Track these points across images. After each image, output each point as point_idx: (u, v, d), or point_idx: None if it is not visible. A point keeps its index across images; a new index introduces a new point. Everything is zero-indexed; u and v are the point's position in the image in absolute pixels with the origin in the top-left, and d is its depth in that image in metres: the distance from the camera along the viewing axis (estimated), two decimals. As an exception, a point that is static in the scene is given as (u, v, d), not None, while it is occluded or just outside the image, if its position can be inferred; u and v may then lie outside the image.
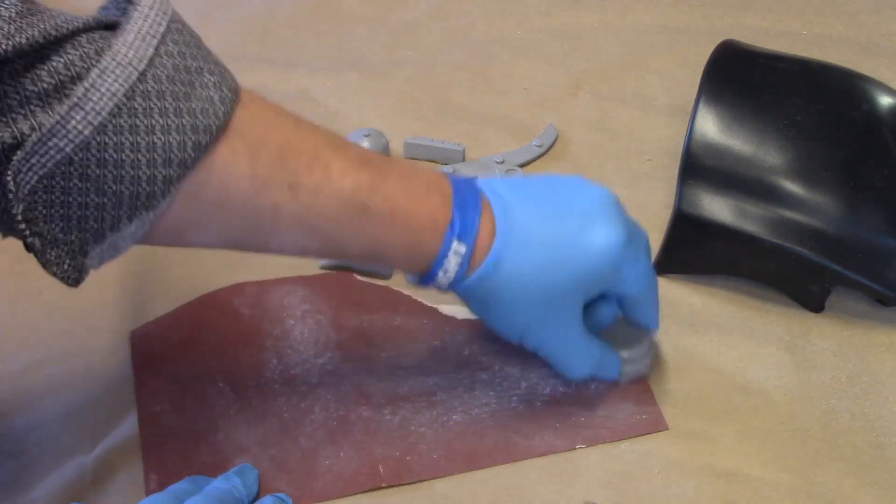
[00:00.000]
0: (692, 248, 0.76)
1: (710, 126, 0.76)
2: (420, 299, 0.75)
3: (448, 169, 0.85)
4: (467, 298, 0.63)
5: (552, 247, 0.61)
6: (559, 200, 0.63)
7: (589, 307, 0.66)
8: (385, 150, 0.86)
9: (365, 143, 0.85)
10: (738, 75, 0.79)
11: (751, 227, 0.73)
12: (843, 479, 0.65)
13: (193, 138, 0.53)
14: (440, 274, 0.61)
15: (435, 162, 0.87)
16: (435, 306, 0.75)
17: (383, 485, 0.64)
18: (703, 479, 0.65)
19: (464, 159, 0.87)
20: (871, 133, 0.76)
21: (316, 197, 0.57)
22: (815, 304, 0.74)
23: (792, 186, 0.74)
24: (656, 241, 0.78)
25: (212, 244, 0.60)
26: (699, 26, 1.00)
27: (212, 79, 0.54)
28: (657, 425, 0.68)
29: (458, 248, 0.60)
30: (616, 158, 0.87)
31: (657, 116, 0.91)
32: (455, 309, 0.74)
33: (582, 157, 0.87)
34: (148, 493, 0.63)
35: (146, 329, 0.73)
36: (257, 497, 0.64)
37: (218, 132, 0.54)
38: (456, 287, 0.62)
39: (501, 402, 0.69)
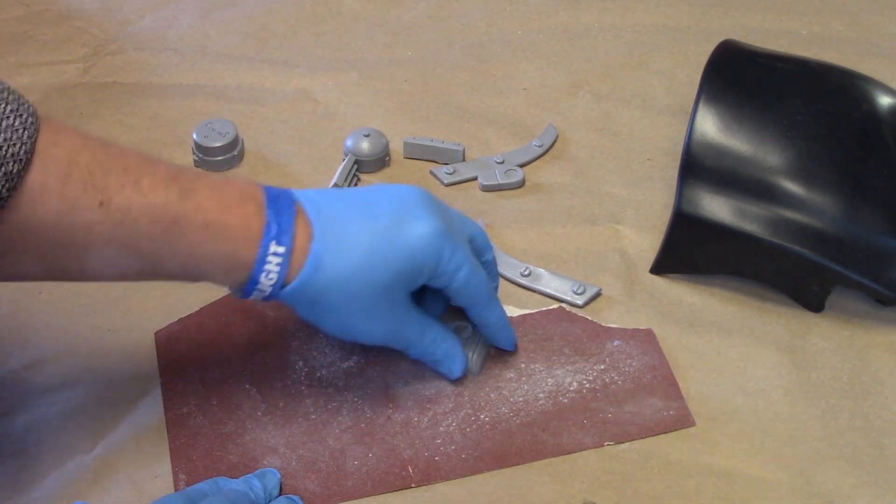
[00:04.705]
0: (692, 248, 0.76)
1: (710, 126, 0.76)
2: None
3: (448, 169, 0.85)
4: (294, 304, 0.64)
5: (369, 243, 0.62)
6: (371, 200, 0.65)
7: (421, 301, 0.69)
8: (385, 150, 0.86)
9: (365, 144, 0.85)
10: (738, 75, 0.79)
11: (751, 227, 0.73)
12: (843, 479, 0.65)
13: (2, 170, 0.54)
14: (262, 279, 0.61)
15: (435, 162, 0.87)
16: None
17: (413, 485, 0.64)
18: (703, 479, 0.65)
19: (464, 159, 0.87)
20: (871, 133, 0.76)
21: (127, 213, 0.58)
22: (815, 304, 0.74)
23: (792, 186, 0.74)
24: (656, 241, 0.78)
25: (28, 272, 0.60)
26: (699, 26, 1.00)
27: (8, 108, 0.55)
28: (684, 422, 0.67)
29: (276, 249, 0.61)
30: (616, 158, 0.87)
31: (657, 116, 0.91)
32: None
33: (582, 157, 0.87)
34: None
35: (171, 330, 0.73)
36: None
37: (25, 158, 0.55)
38: (280, 292, 0.62)
39: (528, 400, 0.69)
